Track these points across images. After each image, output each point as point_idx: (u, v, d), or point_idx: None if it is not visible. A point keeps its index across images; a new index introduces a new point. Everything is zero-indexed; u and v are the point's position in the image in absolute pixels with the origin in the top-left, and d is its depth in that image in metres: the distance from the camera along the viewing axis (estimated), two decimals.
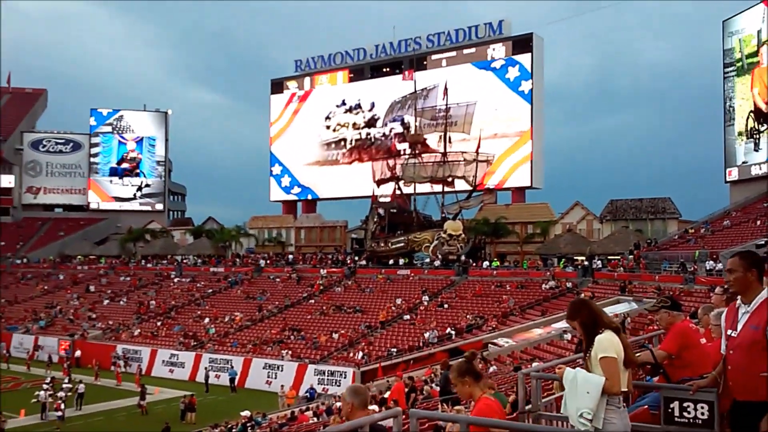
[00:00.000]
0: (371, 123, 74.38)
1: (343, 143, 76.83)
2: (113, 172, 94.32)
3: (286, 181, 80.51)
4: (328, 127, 78.12)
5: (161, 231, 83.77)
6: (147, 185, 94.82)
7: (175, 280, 66.09)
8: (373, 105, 72.79)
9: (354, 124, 76.41)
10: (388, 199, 61.01)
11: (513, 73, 66.20)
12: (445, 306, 47.25)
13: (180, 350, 48.32)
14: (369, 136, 75.24)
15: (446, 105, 59.63)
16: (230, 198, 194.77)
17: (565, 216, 62.77)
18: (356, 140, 75.94)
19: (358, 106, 76.23)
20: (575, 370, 5.42)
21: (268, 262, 66.27)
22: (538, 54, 66.09)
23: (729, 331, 5.22)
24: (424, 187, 61.04)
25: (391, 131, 71.52)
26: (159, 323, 54.92)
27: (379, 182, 61.29)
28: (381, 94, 72.63)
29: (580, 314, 5.58)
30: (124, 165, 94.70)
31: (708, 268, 38.22)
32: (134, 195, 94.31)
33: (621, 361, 5.35)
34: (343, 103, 77.24)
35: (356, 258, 61.74)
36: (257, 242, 78.24)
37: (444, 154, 58.69)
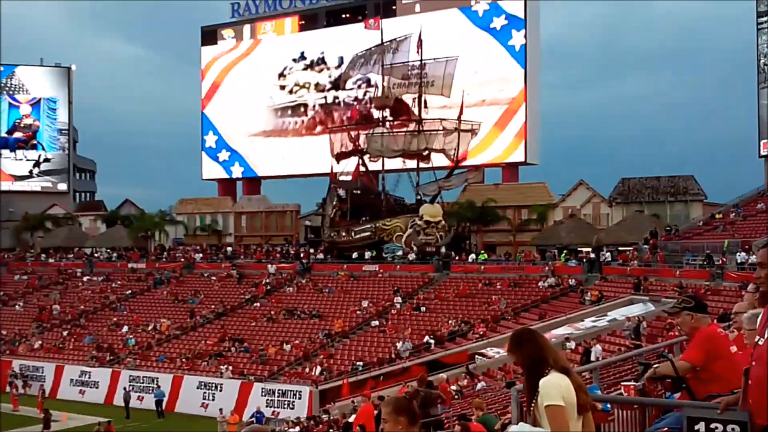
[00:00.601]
0: (339, 83, 74.49)
1: (303, 109, 76.87)
2: (3, 144, 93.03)
3: (224, 155, 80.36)
4: (282, 88, 77.91)
5: (66, 217, 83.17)
6: (46, 160, 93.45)
7: (85, 279, 65.91)
8: (341, 61, 72.59)
9: (317, 84, 76.37)
10: (350, 178, 61.18)
11: (499, 21, 66.69)
12: (422, 309, 47.66)
13: (93, 367, 48.32)
14: (337, 101, 75.33)
15: (421, 60, 59.47)
16: (152, 176, 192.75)
17: (567, 198, 63.36)
18: (321, 105, 76.00)
19: (322, 60, 75.97)
20: (519, 424, 5.58)
21: (201, 256, 66.40)
22: (532, 3, 66.47)
23: (757, 338, 5.33)
24: (395, 163, 61.14)
25: (365, 94, 71.64)
26: (65, 333, 54.80)
27: (339, 156, 61.22)
28: (340, 47, 72.62)
29: (523, 348, 5.55)
30: (17, 134, 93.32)
31: (739, 261, 38.68)
32: (30, 172, 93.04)
33: (572, 409, 5.35)
34: (303, 57, 77.00)
35: (312, 251, 61.94)
36: (187, 231, 78.34)
37: (419, 122, 58.75)
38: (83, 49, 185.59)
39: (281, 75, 78.00)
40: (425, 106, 59.31)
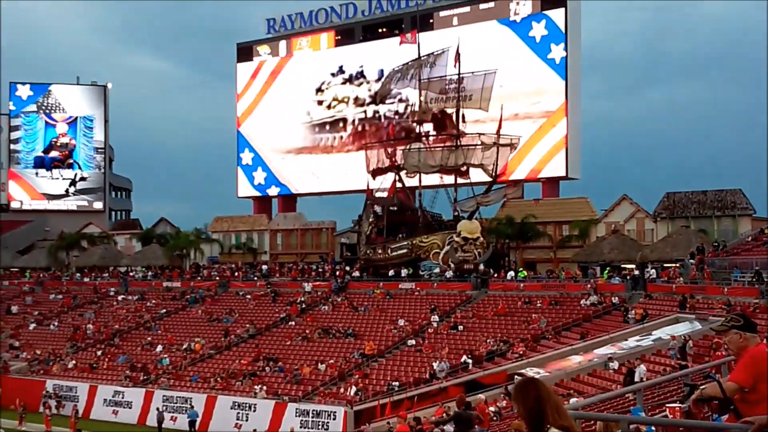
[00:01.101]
0: (378, 97, 74.54)
1: (342, 124, 77.11)
2: (39, 163, 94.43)
3: (259, 175, 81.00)
4: (320, 103, 78.33)
5: (101, 236, 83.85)
6: (82, 179, 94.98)
7: (119, 298, 66.28)
8: (381, 74, 72.75)
9: (356, 98, 76.62)
10: (386, 194, 61.28)
11: (539, 31, 66.72)
12: (460, 328, 47.46)
13: (126, 386, 48.41)
14: (377, 115, 75.37)
15: (459, 74, 59.57)
16: (188, 194, 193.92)
17: (610, 213, 63.15)
18: (360, 120, 75.96)
19: (361, 74, 76.22)
20: None
21: (236, 274, 66.72)
22: (574, 10, 66.46)
23: None
24: (432, 179, 61.33)
25: (407, 108, 71.67)
26: (99, 353, 54.99)
27: (375, 172, 61.34)
28: (378, 61, 72.91)
29: (524, 401, 5.48)
30: (54, 153, 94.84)
31: None
32: (66, 191, 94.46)
33: None
34: (341, 71, 77.33)
35: (347, 268, 62.06)
36: (222, 250, 78.80)
37: (457, 137, 58.81)
38: (118, 67, 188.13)
39: (319, 90, 78.42)
40: (463, 121, 59.43)
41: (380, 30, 73.99)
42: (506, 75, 63.81)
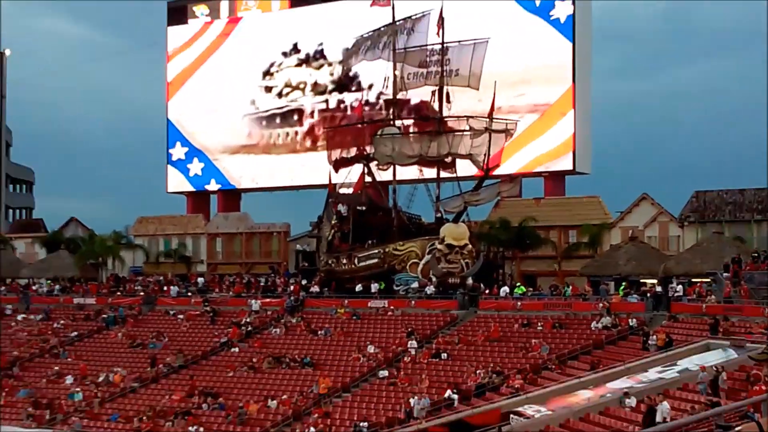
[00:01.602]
0: (344, 82, 74.68)
1: (297, 117, 77.63)
2: None
3: (195, 166, 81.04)
4: (269, 90, 78.76)
5: None
6: None
7: (19, 317, 65.58)
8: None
9: (315, 84, 76.89)
10: (352, 190, 61.51)
11: None
12: (443, 356, 47.54)
13: (28, 427, 47.94)
14: (342, 106, 75.60)
15: (442, 44, 59.62)
16: (104, 188, 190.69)
17: (627, 216, 63.31)
18: (320, 112, 76.48)
19: (321, 54, 76.52)
20: None
21: (165, 288, 66.41)
22: None
23: None
24: (410, 172, 61.56)
25: (379, 99, 71.38)
26: None
27: (338, 164, 61.44)
28: (344, 33, 72.12)
29: None
30: None
31: None
32: None
33: None
34: (295, 49, 77.43)
35: (304, 282, 61.87)
36: (147, 258, 78.66)
37: (439, 121, 58.77)
38: (18, 29, 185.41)
39: (267, 73, 78.86)
40: (447, 101, 59.26)
41: None
42: (500, 44, 63.87)
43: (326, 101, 76.73)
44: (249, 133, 79.22)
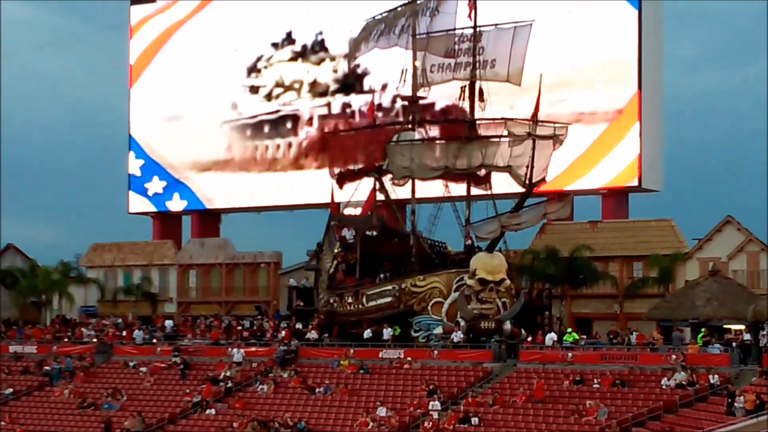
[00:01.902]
0: (350, 81, 73.94)
1: (291, 125, 76.92)
2: None
3: (156, 186, 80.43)
4: (255, 91, 78.35)
5: None
6: None
7: None
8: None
9: (314, 83, 76.50)
10: (360, 211, 62.18)
11: None
12: (474, 421, 46.78)
13: None
14: (348, 110, 74.86)
15: (474, 27, 58.53)
16: (50, 208, 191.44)
17: (706, 245, 62.23)
18: (321, 118, 75.74)
19: (320, 45, 75.97)
20: None
21: (124, 333, 65.80)
22: None
23: None
24: (433, 189, 60.81)
25: (394, 103, 71.14)
26: None
27: (343, 177, 61.49)
28: (349, 16, 71.67)
29: None
30: None
31: None
32: None
33: None
34: (289, 39, 77.25)
35: (299, 326, 61.00)
36: (103, 295, 78.99)
37: (471, 124, 57.91)
38: None
39: (253, 70, 78.42)
40: (481, 99, 58.24)
41: None
42: (547, 27, 63.62)
43: (328, 104, 76.48)
44: (228, 146, 78.96)
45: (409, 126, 61.24)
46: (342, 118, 75.22)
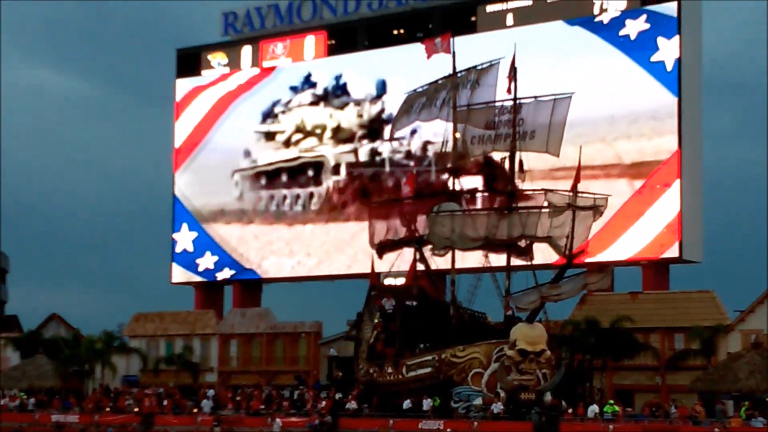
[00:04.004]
0: (379, 127, 74.76)
1: (312, 173, 78.14)
2: None
3: (208, 259, 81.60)
4: (270, 137, 79.64)
5: None
6: None
7: None
8: (382, 87, 73.64)
9: (338, 129, 77.33)
10: (401, 282, 62.05)
11: (636, 26, 67.89)
12: None
13: None
14: (377, 159, 76.13)
15: (515, 100, 59.59)
16: (93, 279, 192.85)
17: (748, 317, 63.05)
18: (348, 167, 76.76)
19: (342, 89, 77.16)
20: None
21: (165, 403, 66.35)
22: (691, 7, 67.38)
23: None
24: (473, 259, 61.59)
25: (426, 149, 72.03)
26: None
27: (383, 247, 62.30)
28: (382, 71, 73.93)
29: None
30: None
31: None
32: None
33: None
34: (309, 83, 78.38)
35: (339, 396, 61.43)
36: (145, 365, 79.12)
37: (511, 195, 59.23)
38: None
39: (269, 115, 79.76)
40: (521, 171, 59.71)
41: (395, 32, 74.80)
42: (587, 100, 64.53)
43: (355, 151, 76.71)
44: (239, 196, 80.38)
45: (451, 194, 62.04)
46: (372, 167, 75.80)
